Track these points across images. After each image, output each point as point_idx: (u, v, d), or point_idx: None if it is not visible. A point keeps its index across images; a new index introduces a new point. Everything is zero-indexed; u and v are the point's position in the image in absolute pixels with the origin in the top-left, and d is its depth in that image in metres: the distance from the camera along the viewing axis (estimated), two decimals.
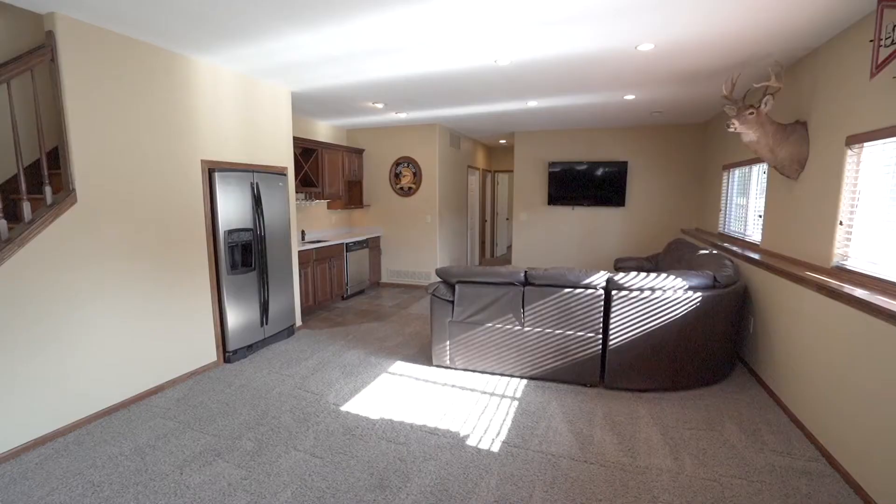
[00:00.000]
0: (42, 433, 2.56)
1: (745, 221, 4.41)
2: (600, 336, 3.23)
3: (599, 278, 3.22)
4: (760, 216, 4.00)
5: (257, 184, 3.93)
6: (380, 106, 5.10)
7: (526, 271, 3.41)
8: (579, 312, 3.24)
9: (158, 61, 3.12)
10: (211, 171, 3.56)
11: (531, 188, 7.35)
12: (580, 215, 7.08)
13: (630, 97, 4.67)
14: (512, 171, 9.06)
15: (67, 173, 2.66)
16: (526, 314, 3.37)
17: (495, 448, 2.53)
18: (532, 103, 5.01)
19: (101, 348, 2.87)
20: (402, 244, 6.96)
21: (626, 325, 3.16)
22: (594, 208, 6.97)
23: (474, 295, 3.49)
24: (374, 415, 2.91)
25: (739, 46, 3.08)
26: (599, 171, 6.78)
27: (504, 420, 2.85)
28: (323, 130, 6.41)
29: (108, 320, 2.89)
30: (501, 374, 3.53)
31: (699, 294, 3.10)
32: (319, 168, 5.84)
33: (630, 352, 3.18)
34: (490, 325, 3.47)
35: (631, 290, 3.15)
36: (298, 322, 4.73)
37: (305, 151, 5.76)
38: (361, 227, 7.16)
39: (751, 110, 3.14)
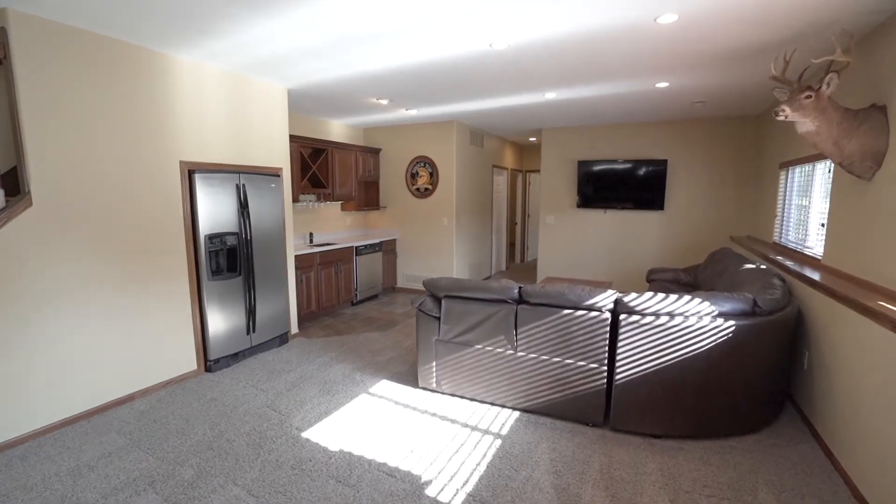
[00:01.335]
0: None
1: (806, 230, 3.66)
2: (605, 368, 2.70)
3: (605, 299, 2.70)
4: (823, 225, 3.27)
5: (244, 185, 3.74)
6: (384, 102, 4.80)
7: (520, 287, 2.95)
8: (581, 338, 2.73)
9: (126, 58, 2.97)
10: (191, 172, 3.40)
11: (559, 189, 6.76)
12: (613, 219, 6.41)
13: (662, 85, 4.03)
14: None
15: (23, 176, 2.56)
16: (519, 337, 2.91)
17: (457, 502, 2.11)
18: (550, 95, 4.49)
19: (64, 355, 2.76)
20: (418, 248, 6.63)
21: (637, 356, 2.62)
22: (628, 212, 6.27)
23: (462, 312, 3.07)
24: (334, 445, 2.59)
25: (795, 13, 2.44)
26: (635, 171, 6.09)
27: (479, 464, 2.42)
28: (336, 130, 6.22)
29: (71, 327, 2.78)
30: (492, 404, 3.09)
31: (732, 323, 2.50)
32: (329, 168, 5.64)
33: (641, 388, 2.63)
34: (480, 346, 3.05)
35: (644, 315, 2.61)
36: (294, 329, 4.53)
37: (316, 151, 5.58)
38: (378, 229, 6.92)
39: (808, 93, 2.50)
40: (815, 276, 2.80)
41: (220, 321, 3.65)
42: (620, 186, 6.19)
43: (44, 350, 2.66)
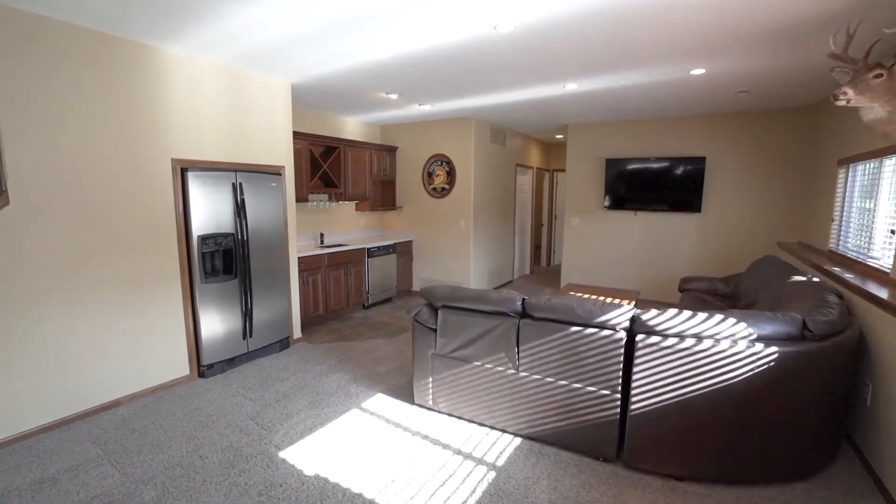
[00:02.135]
0: None
1: (870, 238, 3.12)
2: (619, 395, 2.34)
3: (620, 316, 2.33)
4: (893, 232, 2.75)
5: (241, 184, 3.60)
6: (394, 97, 4.56)
7: (524, 300, 2.62)
8: (591, 360, 2.38)
9: (109, 50, 2.86)
10: (184, 170, 3.28)
11: (585, 189, 6.32)
12: (643, 222, 5.91)
13: (698, 72, 3.58)
14: None
15: (0, 174, 2.47)
16: (522, 355, 2.58)
17: None
18: (571, 86, 4.11)
19: (46, 359, 2.67)
20: (435, 250, 6.37)
21: (656, 383, 2.23)
22: (661, 214, 5.76)
23: (459, 324, 2.78)
24: (310, 469, 2.36)
25: None
26: (669, 170, 5.57)
27: (465, 502, 2.12)
28: (351, 127, 6.05)
29: (53, 331, 2.69)
30: (491, 427, 2.78)
31: (775, 349, 2.08)
32: (341, 167, 5.47)
33: (661, 421, 2.25)
34: (479, 363, 2.74)
35: (665, 336, 2.22)
36: (297, 334, 4.36)
37: (328, 150, 5.43)
38: (393, 230, 6.71)
39: (878, 71, 2.08)
40: (883, 292, 2.31)
41: (214, 325, 3.52)
42: (652, 186, 5.69)
43: (25, 354, 2.58)
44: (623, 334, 2.31)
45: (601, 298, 4.16)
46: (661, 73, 3.63)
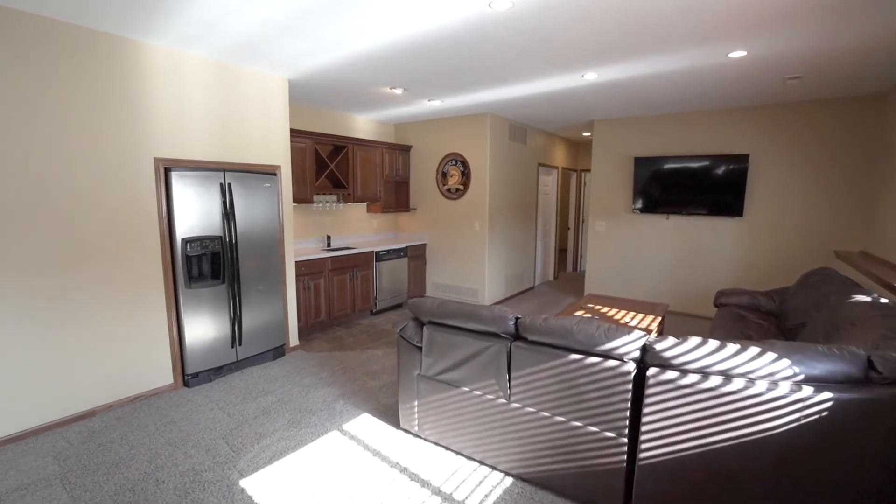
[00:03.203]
0: None
1: None
2: (626, 440, 1.94)
3: (628, 344, 1.93)
4: None
5: (229, 185, 3.42)
6: (399, 92, 4.28)
7: (517, 319, 2.26)
8: (593, 396, 1.99)
9: (83, 45, 2.72)
10: (167, 170, 3.13)
11: (611, 191, 5.83)
12: (676, 227, 5.35)
13: (738, 55, 3.08)
14: None
15: None
16: (513, 383, 2.22)
17: None
18: (590, 76, 3.69)
19: (15, 367, 2.56)
20: (449, 254, 6.05)
21: (672, 428, 1.83)
22: (697, 218, 5.19)
23: (446, 344, 2.45)
24: (269, 503, 2.10)
25: None
26: (706, 169, 5.00)
27: None
28: (363, 126, 5.84)
29: (23, 336, 2.58)
30: (480, 462, 2.43)
31: (829, 394, 1.63)
32: (350, 167, 5.26)
33: (678, 476, 1.84)
34: (466, 389, 2.40)
35: (684, 372, 1.81)
36: (293, 341, 4.16)
37: (336, 149, 5.23)
38: (406, 232, 6.45)
39: None
40: None
41: (200, 332, 3.35)
42: (687, 188, 5.14)
43: None
44: (632, 366, 1.91)
45: (621, 313, 3.72)
46: (693, 57, 3.16)
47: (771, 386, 1.68)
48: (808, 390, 1.65)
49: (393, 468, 2.39)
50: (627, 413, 1.92)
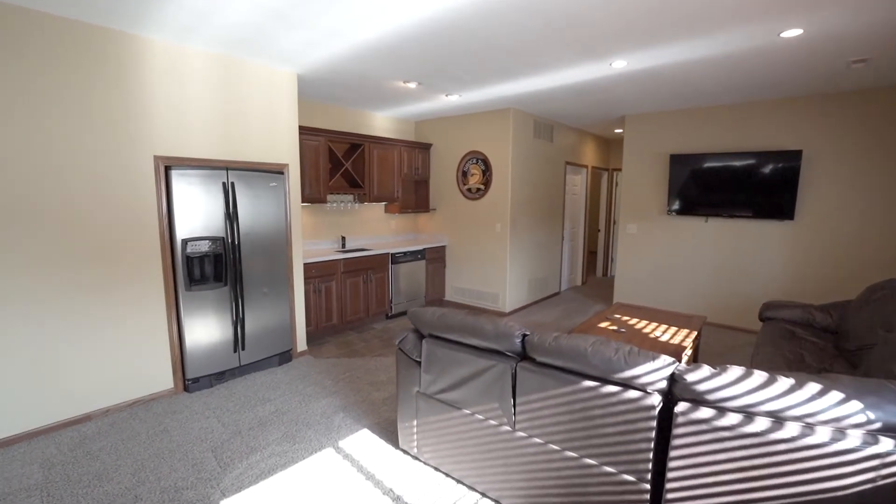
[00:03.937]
0: None
1: None
2: (648, 486, 1.63)
3: (654, 372, 1.62)
4: None
5: (233, 184, 3.30)
6: (412, 86, 4.06)
7: (524, 336, 1.98)
8: (610, 431, 1.70)
9: (76, 39, 2.64)
10: (167, 168, 3.03)
11: (644, 191, 5.40)
12: (717, 231, 4.88)
13: (793, 33, 2.67)
14: None
15: None
16: (519, 409, 1.95)
17: None
18: (619, 64, 3.35)
19: (10, 370, 2.51)
20: (469, 257, 5.79)
21: (705, 477, 1.51)
22: (741, 221, 4.71)
23: (447, 360, 2.20)
24: None
25: None
26: (751, 167, 4.52)
27: None
28: (381, 123, 5.66)
29: (19, 338, 2.52)
30: (482, 494, 2.17)
31: None
32: (366, 166, 5.09)
33: None
34: (468, 412, 2.15)
35: (722, 410, 1.49)
36: (301, 346, 4.02)
37: (352, 147, 5.08)
38: (426, 234, 6.23)
39: None
40: None
41: (201, 336, 3.25)
42: (729, 187, 4.67)
43: None
44: (657, 399, 1.60)
45: (651, 325, 3.36)
46: (736, 39, 2.78)
47: (837, 435, 1.34)
48: (887, 444, 1.30)
49: (386, 495, 2.17)
50: (651, 455, 1.61)
